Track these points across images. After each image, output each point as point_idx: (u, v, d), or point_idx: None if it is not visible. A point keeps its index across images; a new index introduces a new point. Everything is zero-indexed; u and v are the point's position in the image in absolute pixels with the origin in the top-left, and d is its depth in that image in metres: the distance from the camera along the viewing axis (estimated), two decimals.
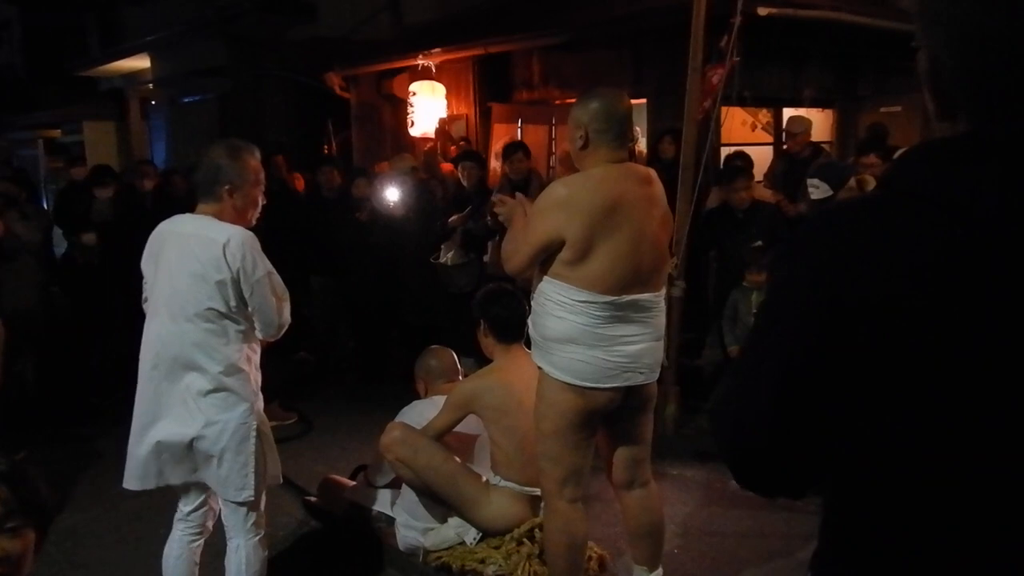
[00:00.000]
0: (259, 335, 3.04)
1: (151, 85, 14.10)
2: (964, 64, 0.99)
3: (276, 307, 2.99)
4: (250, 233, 2.96)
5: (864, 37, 7.31)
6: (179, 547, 3.15)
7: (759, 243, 5.63)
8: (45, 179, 13.96)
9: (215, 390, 2.92)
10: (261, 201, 3.11)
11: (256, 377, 3.06)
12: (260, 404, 3.07)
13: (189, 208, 3.07)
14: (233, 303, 2.91)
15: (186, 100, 13.11)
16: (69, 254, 6.97)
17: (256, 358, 3.09)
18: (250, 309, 2.95)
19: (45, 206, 9.68)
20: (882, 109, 7.78)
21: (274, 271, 3.01)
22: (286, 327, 3.07)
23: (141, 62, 13.92)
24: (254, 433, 2.97)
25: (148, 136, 14.71)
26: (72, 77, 15.60)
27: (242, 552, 3.06)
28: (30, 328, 6.16)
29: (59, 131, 16.09)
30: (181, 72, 12.60)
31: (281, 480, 3.18)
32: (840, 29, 7.20)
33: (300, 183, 8.39)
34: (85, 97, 15.81)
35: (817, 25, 7.04)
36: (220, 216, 2.97)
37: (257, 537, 3.08)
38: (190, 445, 2.93)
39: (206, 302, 2.89)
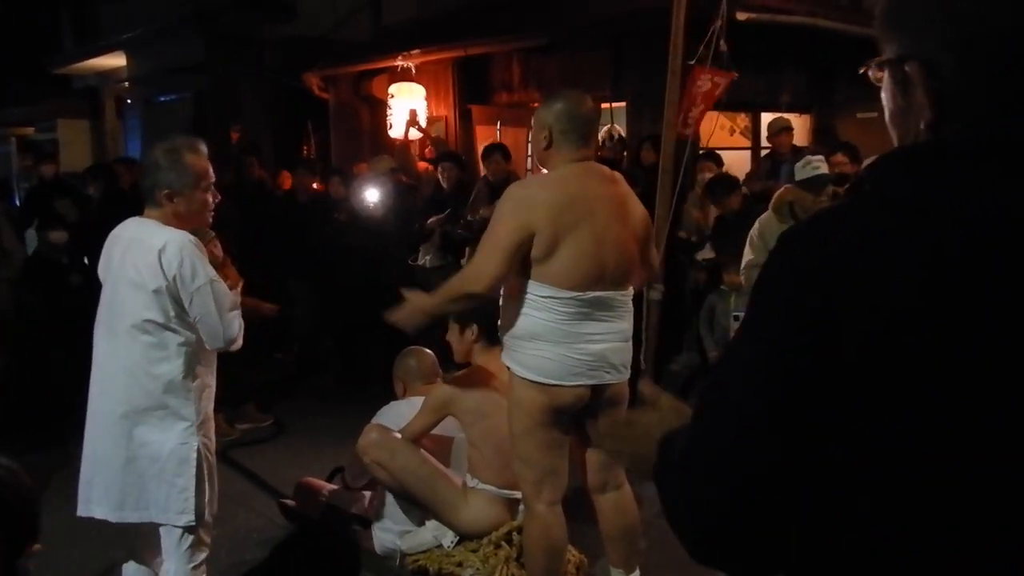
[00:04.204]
0: (207, 346, 2.85)
1: (126, 83, 13.97)
2: (968, 64, 0.98)
3: (220, 318, 2.79)
4: (191, 238, 2.79)
5: (841, 43, 7.35)
6: (136, 563, 3.07)
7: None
8: (17, 177, 13.79)
9: (153, 408, 2.78)
10: (211, 200, 2.93)
11: (203, 396, 2.90)
12: (209, 427, 2.92)
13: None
14: (172, 313, 2.74)
15: (162, 99, 13.02)
16: (39, 252, 6.87)
17: (206, 377, 2.92)
18: (192, 319, 2.78)
19: (17, 204, 9.54)
20: (859, 115, 7.84)
21: (219, 279, 2.83)
22: (236, 341, 2.88)
23: (117, 60, 13.79)
24: (195, 455, 2.81)
25: (123, 135, 14.57)
26: (46, 74, 15.42)
27: None
28: (3, 329, 6.08)
29: (32, 129, 15.90)
30: (157, 70, 12.49)
31: (214, 511, 2.99)
32: (818, 35, 7.26)
33: (288, 182, 8.33)
34: (59, 95, 15.63)
35: (795, 30, 7.09)
36: (165, 221, 2.81)
37: (191, 564, 2.89)
38: (123, 468, 2.80)
39: (143, 313, 2.74)
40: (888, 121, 1.09)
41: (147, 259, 2.73)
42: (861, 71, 1.10)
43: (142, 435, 2.80)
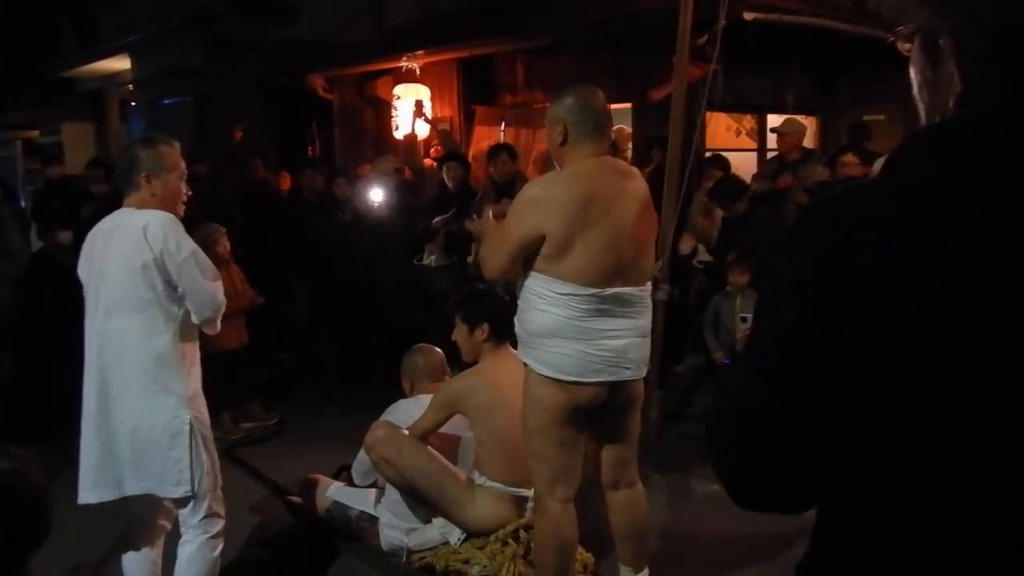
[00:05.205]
0: (195, 319, 2.96)
1: (130, 86, 13.99)
2: (993, 37, 0.96)
3: (207, 288, 2.94)
4: (171, 215, 2.94)
5: (847, 45, 7.36)
6: (135, 551, 3.11)
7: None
8: (23, 180, 13.81)
9: (144, 383, 2.88)
10: (184, 191, 3.08)
11: (192, 372, 3.00)
12: (199, 401, 3.01)
13: None
14: (160, 287, 2.87)
15: (165, 102, 13.01)
16: (43, 252, 6.88)
17: (193, 354, 3.03)
18: (180, 291, 2.90)
19: (23, 206, 9.56)
20: (864, 117, 7.83)
21: (200, 251, 2.98)
22: (221, 310, 3.02)
23: (120, 63, 13.82)
24: (187, 427, 2.91)
25: (127, 137, 14.58)
26: (49, 78, 15.45)
27: (187, 548, 3.02)
28: (7, 328, 6.08)
29: (37, 132, 15.93)
30: (160, 73, 12.51)
31: (220, 482, 3.10)
32: (824, 37, 7.24)
33: (287, 183, 8.34)
34: (63, 98, 15.66)
35: (801, 32, 7.08)
36: (142, 205, 2.96)
37: (206, 536, 3.02)
38: (122, 442, 2.89)
39: (132, 290, 2.86)
40: (916, 93, 1.07)
41: (132, 239, 2.86)
42: (889, 40, 1.08)
43: (135, 411, 2.88)
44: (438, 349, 4.14)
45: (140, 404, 2.88)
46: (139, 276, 2.84)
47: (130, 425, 2.88)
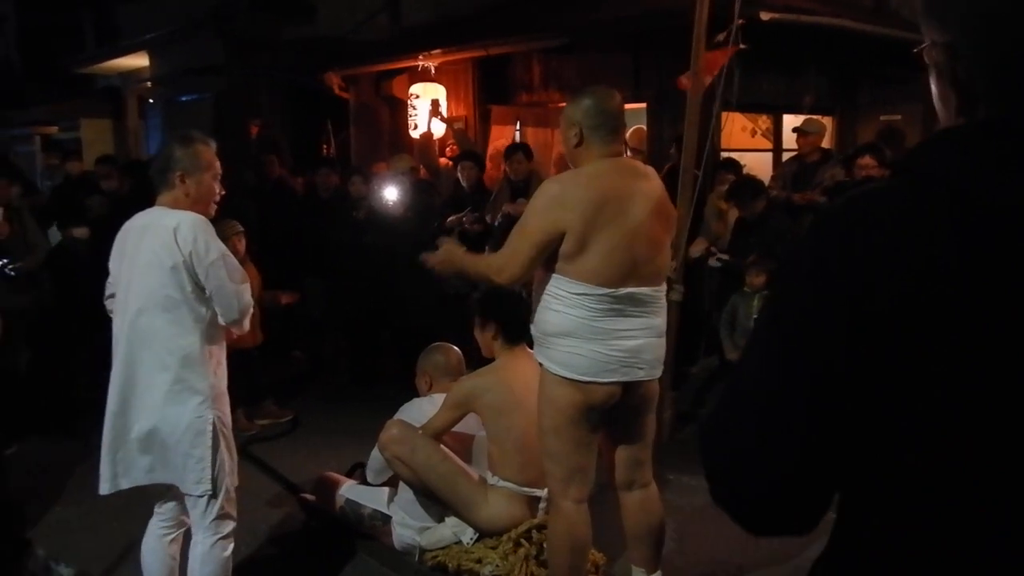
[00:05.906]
0: (221, 320, 2.98)
1: (148, 83, 14.06)
2: (983, 49, 0.97)
3: (234, 290, 2.96)
4: (202, 217, 2.96)
5: (865, 45, 7.32)
6: (153, 541, 3.14)
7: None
8: (41, 175, 13.91)
9: (171, 381, 2.90)
10: (218, 191, 3.09)
11: (218, 372, 3.02)
12: (223, 401, 3.03)
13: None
14: (189, 288, 2.89)
15: (183, 99, 13.07)
16: (61, 247, 6.93)
17: (219, 354, 3.05)
18: (207, 293, 2.92)
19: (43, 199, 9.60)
20: (882, 117, 7.79)
21: (229, 253, 3.00)
22: (248, 312, 3.03)
23: (139, 60, 13.89)
24: (210, 427, 2.93)
25: (145, 134, 14.66)
26: (69, 74, 15.55)
27: (198, 549, 3.03)
28: (23, 322, 6.11)
29: (56, 128, 16.03)
30: (178, 71, 12.57)
31: (235, 483, 3.11)
32: (841, 37, 7.21)
33: (300, 186, 8.37)
34: (82, 94, 15.75)
35: (818, 32, 7.04)
36: (175, 204, 2.98)
37: (217, 536, 3.03)
38: (146, 437, 2.91)
39: (160, 290, 2.88)
40: (935, 104, 1.09)
41: (162, 239, 2.88)
42: (915, 51, 1.09)
43: (158, 408, 2.90)
44: (456, 348, 4.15)
45: (164, 402, 2.90)
46: (168, 277, 2.87)
47: (152, 422, 2.90)
